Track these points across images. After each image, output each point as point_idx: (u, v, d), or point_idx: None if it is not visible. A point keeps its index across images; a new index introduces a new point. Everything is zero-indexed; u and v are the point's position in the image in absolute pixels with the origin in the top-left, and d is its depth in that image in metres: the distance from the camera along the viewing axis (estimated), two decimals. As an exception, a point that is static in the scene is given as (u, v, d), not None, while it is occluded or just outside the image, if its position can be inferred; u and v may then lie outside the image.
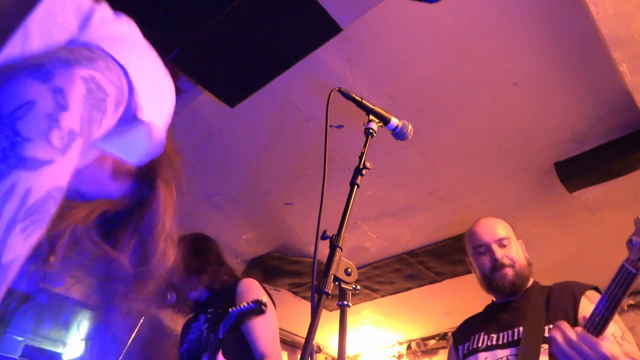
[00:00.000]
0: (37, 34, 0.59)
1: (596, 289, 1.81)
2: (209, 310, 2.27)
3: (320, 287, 1.22)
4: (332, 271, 1.25)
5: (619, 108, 2.73)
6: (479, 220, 2.07)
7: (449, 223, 3.70)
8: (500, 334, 1.86)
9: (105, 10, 0.68)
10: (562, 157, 3.10)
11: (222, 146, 3.16)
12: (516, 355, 1.74)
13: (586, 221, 3.51)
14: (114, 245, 0.75)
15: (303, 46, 2.37)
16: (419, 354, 5.51)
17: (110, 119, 0.60)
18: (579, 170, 3.04)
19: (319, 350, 5.54)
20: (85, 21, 0.64)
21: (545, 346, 1.68)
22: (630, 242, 1.34)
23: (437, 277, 4.32)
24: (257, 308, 1.85)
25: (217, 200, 3.60)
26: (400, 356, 5.60)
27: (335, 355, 1.59)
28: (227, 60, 2.44)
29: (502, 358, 1.79)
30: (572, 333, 1.34)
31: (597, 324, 1.34)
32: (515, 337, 1.80)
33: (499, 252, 1.93)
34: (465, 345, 1.96)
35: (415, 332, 5.48)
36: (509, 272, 1.91)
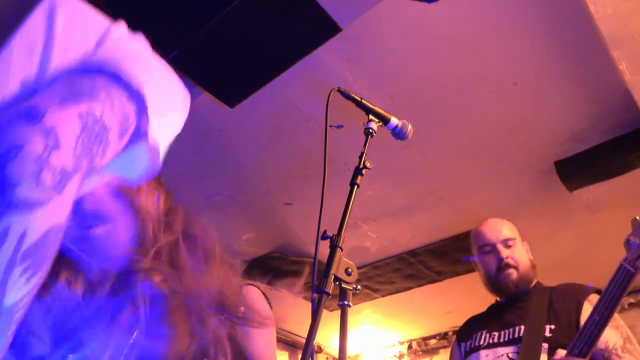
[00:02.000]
0: (56, 54, 0.59)
1: (599, 292, 1.82)
2: None
3: (320, 287, 1.22)
4: (333, 271, 1.25)
5: (619, 107, 2.72)
6: (486, 220, 2.08)
7: (449, 223, 3.70)
8: (502, 332, 1.87)
9: (121, 28, 0.68)
10: (562, 156, 3.10)
11: (222, 146, 3.16)
12: (517, 352, 1.75)
13: (586, 220, 3.50)
14: None
15: (303, 46, 2.37)
16: (419, 353, 5.50)
17: (115, 148, 0.60)
18: (579, 169, 3.03)
19: (320, 350, 5.54)
20: (101, 39, 0.64)
21: (545, 345, 1.69)
22: (628, 242, 1.35)
23: (438, 276, 4.32)
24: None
25: (217, 200, 3.60)
26: (401, 356, 5.60)
27: (336, 355, 1.59)
28: (227, 60, 2.43)
29: (502, 355, 1.80)
30: None
31: (598, 323, 1.36)
32: (517, 336, 1.81)
33: (504, 252, 1.94)
34: (468, 343, 1.98)
35: (416, 332, 5.47)
36: (513, 273, 1.92)
